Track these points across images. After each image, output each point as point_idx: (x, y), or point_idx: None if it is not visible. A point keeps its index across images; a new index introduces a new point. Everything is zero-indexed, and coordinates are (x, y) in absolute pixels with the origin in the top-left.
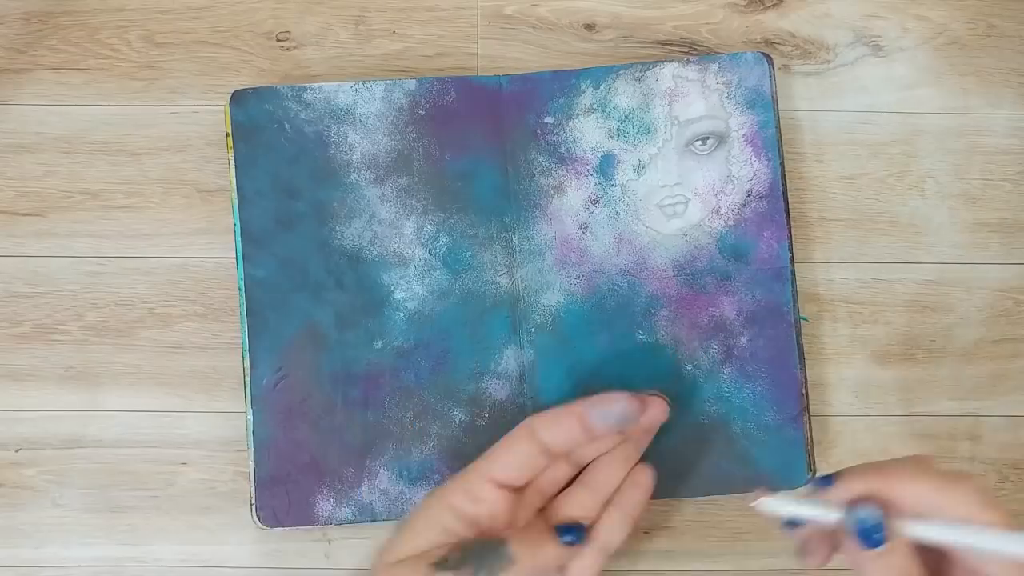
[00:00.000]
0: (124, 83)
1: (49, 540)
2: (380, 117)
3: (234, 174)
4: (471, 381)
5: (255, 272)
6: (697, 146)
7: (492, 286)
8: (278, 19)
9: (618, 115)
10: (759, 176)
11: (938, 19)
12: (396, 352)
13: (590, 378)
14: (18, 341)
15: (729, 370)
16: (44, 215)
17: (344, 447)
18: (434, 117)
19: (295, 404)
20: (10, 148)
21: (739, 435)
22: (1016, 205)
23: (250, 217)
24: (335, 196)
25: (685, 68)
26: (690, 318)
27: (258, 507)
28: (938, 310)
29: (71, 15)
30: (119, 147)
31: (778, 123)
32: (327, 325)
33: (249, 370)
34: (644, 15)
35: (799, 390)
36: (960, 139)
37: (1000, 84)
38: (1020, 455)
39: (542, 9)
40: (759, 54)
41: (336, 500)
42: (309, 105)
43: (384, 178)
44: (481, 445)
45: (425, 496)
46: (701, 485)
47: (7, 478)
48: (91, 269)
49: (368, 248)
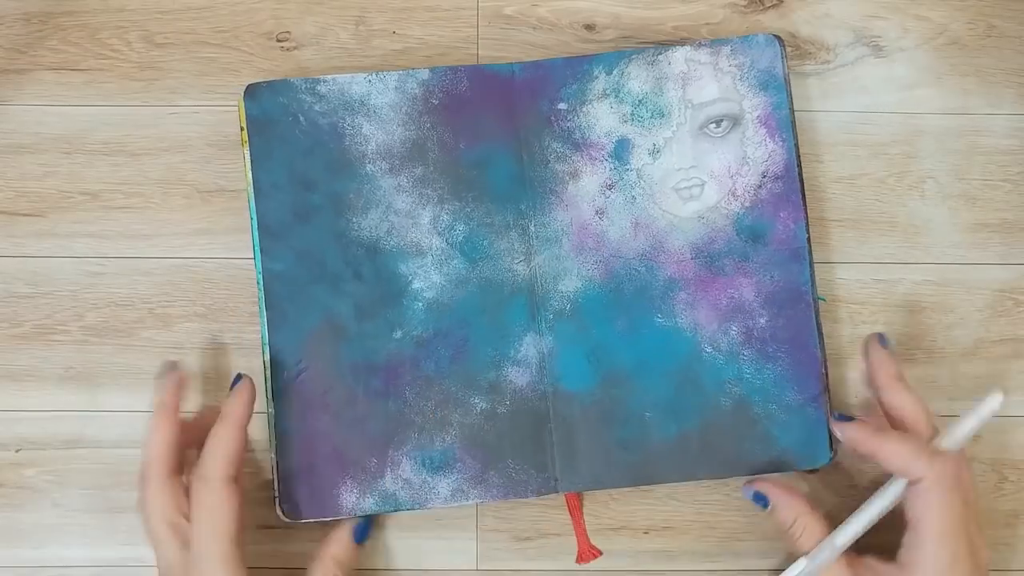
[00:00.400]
0: (124, 83)
1: (49, 540)
2: (394, 107)
3: (249, 168)
4: (491, 369)
5: (273, 266)
6: (711, 129)
7: (510, 274)
8: (278, 19)
9: (632, 100)
10: (774, 157)
11: (938, 19)
12: (416, 342)
13: (610, 363)
14: (18, 341)
15: (749, 351)
16: (44, 215)
17: (366, 438)
18: (448, 106)
19: (316, 396)
20: (10, 148)
21: (760, 416)
22: (1016, 205)
23: (267, 210)
24: (351, 187)
25: (697, 51)
26: (709, 300)
27: (282, 500)
28: (938, 310)
29: (71, 15)
30: (119, 147)
31: (791, 104)
32: (346, 317)
33: (269, 364)
34: (644, 15)
35: (819, 369)
36: (960, 139)
37: (1000, 84)
38: (1020, 455)
39: (542, 9)
40: (770, 36)
41: (360, 491)
42: (323, 97)
43: (399, 168)
44: (502, 432)
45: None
46: (723, 467)
47: (7, 478)
48: (91, 269)
49: (385, 239)
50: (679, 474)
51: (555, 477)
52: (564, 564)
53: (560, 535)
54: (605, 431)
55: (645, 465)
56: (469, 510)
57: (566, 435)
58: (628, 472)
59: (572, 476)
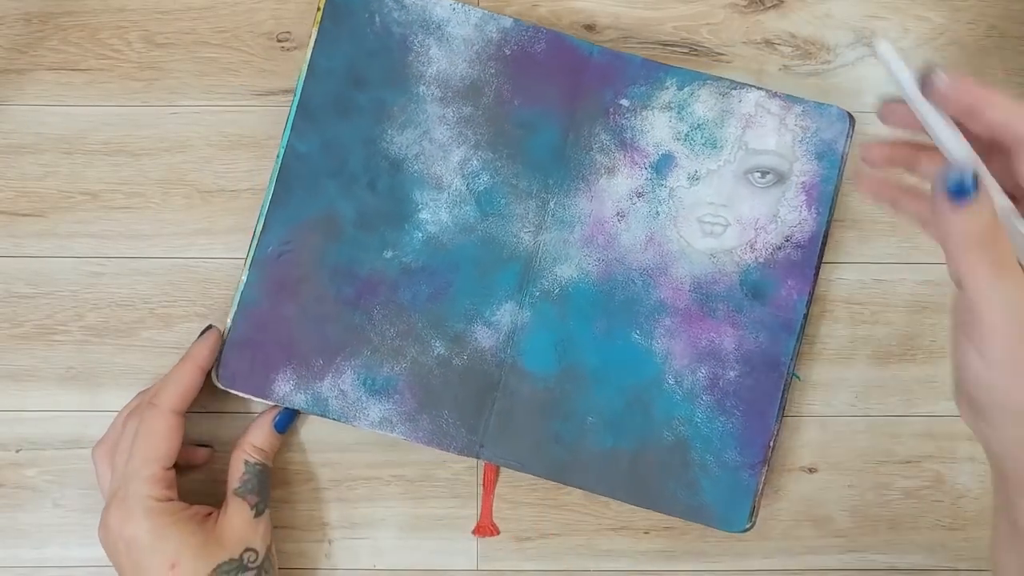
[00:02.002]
0: (124, 83)
1: (49, 540)
2: (467, 42)
3: (311, 46)
4: (462, 320)
5: (298, 145)
6: (755, 177)
7: (514, 239)
8: (278, 19)
9: (692, 121)
10: (804, 226)
11: (938, 20)
12: (402, 268)
13: (574, 358)
14: (19, 342)
15: (708, 398)
16: (44, 215)
17: (322, 338)
18: (518, 60)
19: (290, 281)
20: (10, 148)
21: (695, 462)
22: None
23: (312, 93)
24: (398, 101)
25: (770, 100)
26: (690, 336)
27: (221, 365)
28: (938, 310)
29: (71, 16)
30: (119, 147)
31: (839, 182)
32: (346, 219)
33: (259, 234)
34: (644, 15)
35: (768, 441)
36: None
37: (1000, 84)
38: None
39: (542, 9)
40: (844, 112)
41: (296, 384)
42: (405, 7)
43: (450, 100)
44: (449, 382)
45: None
46: (641, 496)
47: (8, 478)
48: (91, 270)
49: (411, 161)
50: (598, 486)
51: (481, 443)
52: (564, 564)
53: (560, 535)
54: (545, 419)
55: (569, 465)
56: (470, 510)
57: (507, 408)
58: (551, 465)
59: (497, 448)
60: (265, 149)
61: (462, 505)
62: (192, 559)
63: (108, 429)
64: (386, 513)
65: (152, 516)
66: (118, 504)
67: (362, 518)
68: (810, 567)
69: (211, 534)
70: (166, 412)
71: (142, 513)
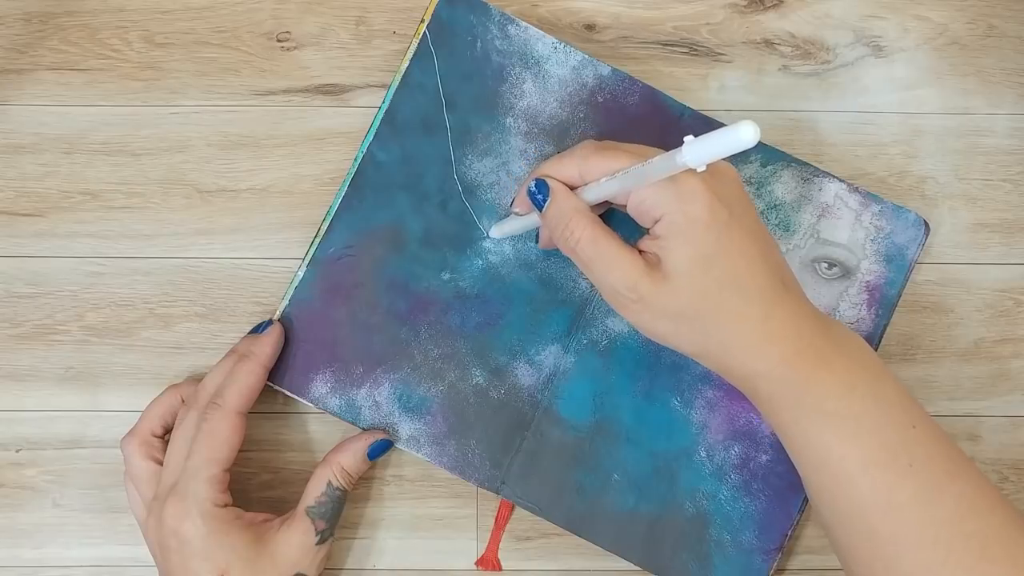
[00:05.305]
0: (124, 83)
1: (49, 540)
2: (562, 83)
3: (409, 57)
4: (505, 354)
5: (378, 153)
6: (822, 267)
7: (572, 284)
8: (278, 19)
9: (769, 200)
10: (861, 325)
11: (938, 19)
12: (457, 292)
13: (611, 413)
14: (19, 341)
15: (736, 477)
16: (44, 215)
17: (367, 346)
18: (609, 109)
19: (346, 285)
20: (10, 148)
21: (712, 538)
22: (1016, 205)
23: (401, 103)
24: (483, 128)
25: (850, 194)
26: (729, 412)
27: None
28: (938, 310)
29: (71, 15)
30: (119, 147)
31: (903, 288)
32: (412, 234)
33: (324, 233)
34: (644, 15)
35: (787, 530)
36: (960, 139)
37: (1000, 84)
38: (1020, 455)
39: (542, 9)
40: (921, 219)
41: (333, 387)
42: (509, 38)
43: (535, 136)
44: (482, 414)
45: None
46: (653, 561)
47: (8, 478)
48: (91, 269)
49: (486, 189)
50: (612, 544)
51: (503, 480)
52: (564, 564)
53: (561, 535)
54: (570, 468)
55: (587, 518)
56: (470, 510)
57: (535, 450)
58: (568, 515)
59: (518, 488)
60: (265, 149)
61: (462, 505)
62: (241, 571)
63: (139, 420)
64: (386, 513)
65: (208, 520)
66: (177, 500)
67: (362, 518)
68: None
69: (265, 548)
70: (231, 413)
71: (199, 514)
